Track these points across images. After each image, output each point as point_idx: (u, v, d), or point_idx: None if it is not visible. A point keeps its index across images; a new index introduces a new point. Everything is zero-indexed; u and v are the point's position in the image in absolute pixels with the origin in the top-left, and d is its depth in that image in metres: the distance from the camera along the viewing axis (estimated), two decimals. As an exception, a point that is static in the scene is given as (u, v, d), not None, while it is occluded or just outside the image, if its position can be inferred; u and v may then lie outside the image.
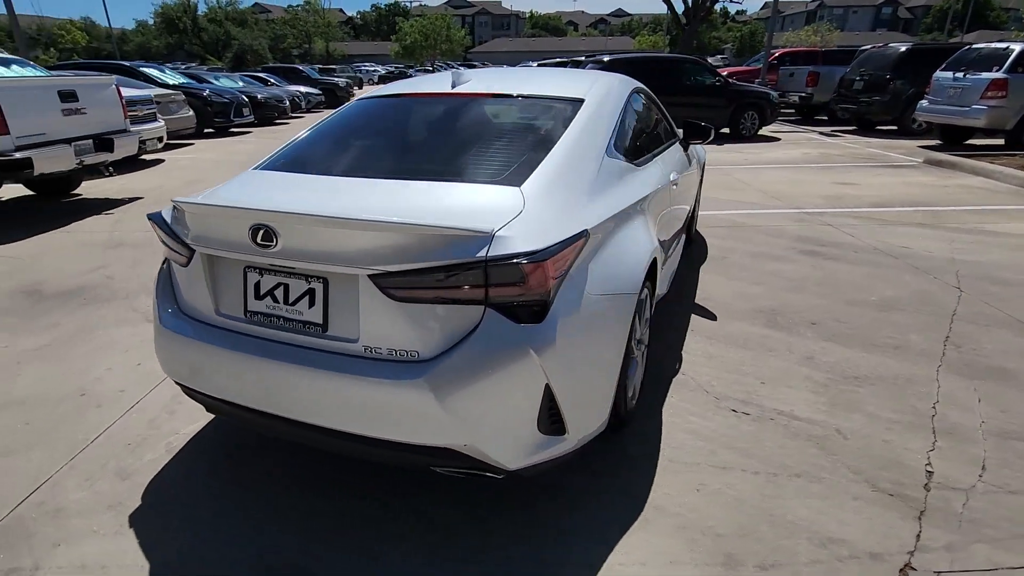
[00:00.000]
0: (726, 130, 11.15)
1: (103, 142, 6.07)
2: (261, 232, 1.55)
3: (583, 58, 12.29)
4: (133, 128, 6.82)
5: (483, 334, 1.49)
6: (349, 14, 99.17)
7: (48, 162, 5.37)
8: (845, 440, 2.21)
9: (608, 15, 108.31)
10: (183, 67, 21.59)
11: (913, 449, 2.16)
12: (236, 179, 2.02)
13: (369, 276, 1.49)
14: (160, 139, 8.52)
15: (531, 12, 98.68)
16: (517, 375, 1.50)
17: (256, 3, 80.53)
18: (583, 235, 1.68)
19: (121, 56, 55.68)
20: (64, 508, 1.90)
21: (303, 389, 1.60)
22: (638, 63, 10.92)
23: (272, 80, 19.62)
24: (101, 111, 6.14)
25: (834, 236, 4.82)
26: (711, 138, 3.51)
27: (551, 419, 1.64)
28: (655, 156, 2.76)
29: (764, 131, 11.86)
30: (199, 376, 1.79)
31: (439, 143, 2.27)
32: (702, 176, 4.57)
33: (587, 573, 1.64)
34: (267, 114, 15.25)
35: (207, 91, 12.78)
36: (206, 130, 12.67)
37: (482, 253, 1.45)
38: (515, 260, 1.46)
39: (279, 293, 1.64)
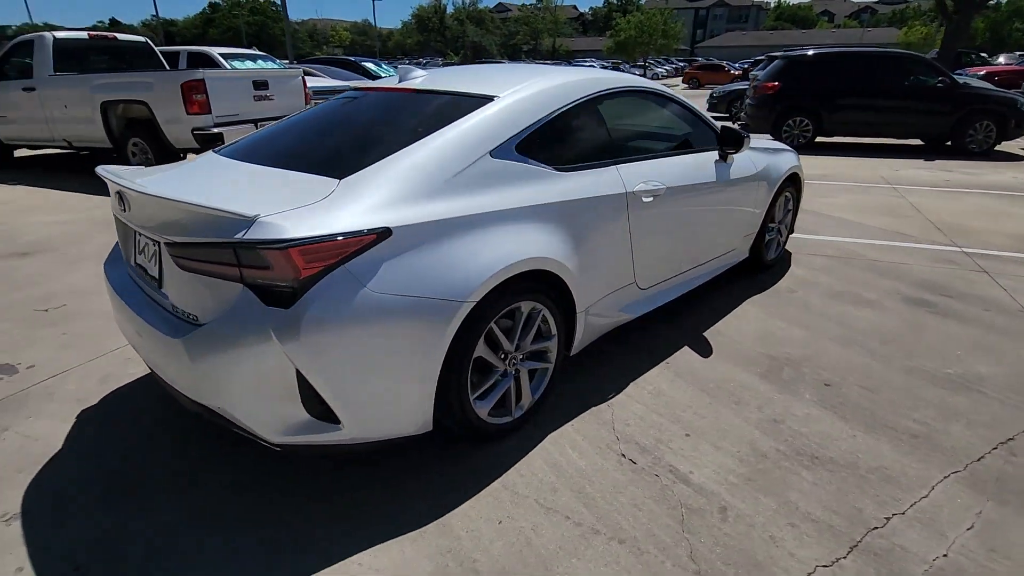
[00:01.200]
0: (948, 143, 9.04)
1: (283, 123, 7.39)
2: (119, 199, 1.89)
3: (779, 54, 10.99)
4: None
5: (235, 310, 1.62)
6: (581, 10, 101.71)
7: (235, 136, 6.75)
8: (720, 522, 1.81)
9: (875, 2, 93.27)
10: (411, 61, 24.53)
11: (799, 559, 1.68)
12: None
13: (164, 244, 1.72)
14: None
15: (778, 2, 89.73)
16: (259, 354, 1.60)
17: (499, 2, 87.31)
18: (377, 231, 1.68)
19: (381, 53, 65.56)
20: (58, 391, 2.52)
21: (147, 338, 1.89)
22: (832, 59, 9.38)
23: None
24: (287, 97, 7.47)
25: (975, 287, 3.71)
26: (742, 147, 3.02)
27: (319, 404, 1.69)
28: (612, 164, 2.50)
29: (1006, 146, 9.31)
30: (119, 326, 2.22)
31: (336, 136, 2.40)
32: (781, 194, 3.86)
33: (323, 564, 1.67)
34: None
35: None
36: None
37: (239, 235, 1.57)
38: (260, 245, 1.55)
39: (144, 248, 1.96)
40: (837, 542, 1.74)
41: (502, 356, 2.11)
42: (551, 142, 2.29)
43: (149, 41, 8.47)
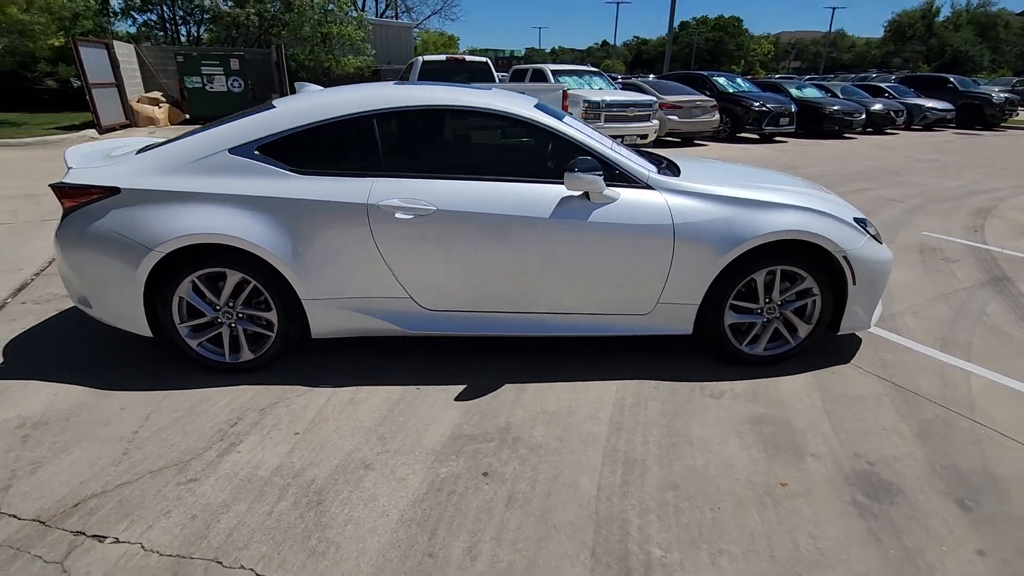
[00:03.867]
0: None
1: (531, 130, 8.54)
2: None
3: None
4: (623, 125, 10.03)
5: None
6: None
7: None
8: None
9: None
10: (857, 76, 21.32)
11: None
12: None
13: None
14: (643, 136, 10.55)
15: None
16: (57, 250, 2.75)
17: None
18: (109, 189, 2.60)
19: (842, 66, 59.01)
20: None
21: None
22: None
23: (889, 90, 17.66)
24: (540, 108, 8.56)
25: None
26: (594, 187, 2.52)
27: (77, 291, 2.77)
28: (367, 176, 2.62)
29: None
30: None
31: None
32: (760, 269, 2.74)
33: (57, 379, 2.76)
34: (829, 127, 14.54)
35: (755, 101, 13.43)
36: (740, 134, 13.61)
37: (62, 178, 2.75)
38: (55, 185, 2.68)
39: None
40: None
41: (215, 308, 2.71)
42: (298, 148, 2.65)
43: (488, 61, 10.83)
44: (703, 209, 2.71)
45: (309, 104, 2.73)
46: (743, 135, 13.88)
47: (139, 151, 2.84)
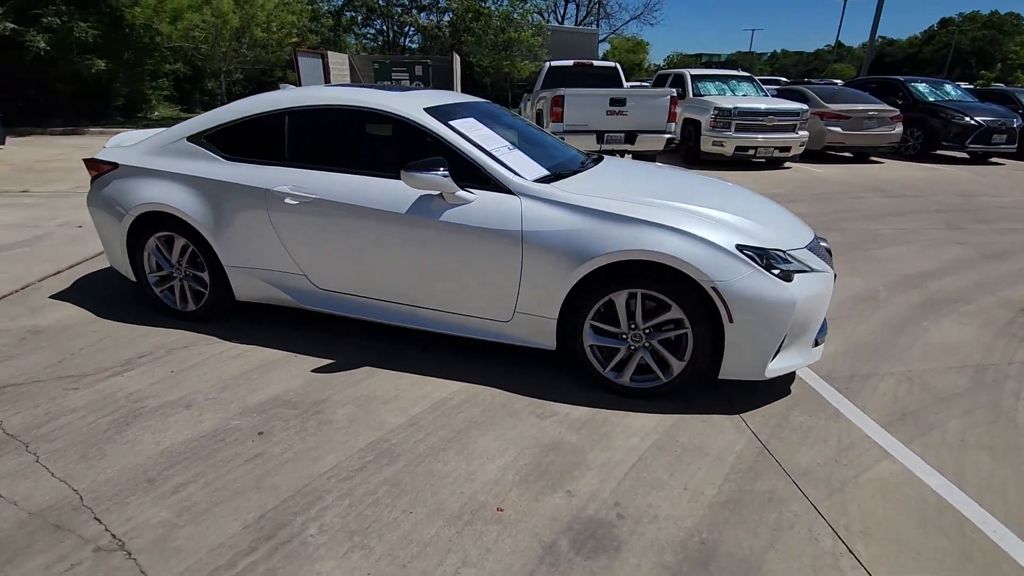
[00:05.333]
0: None
1: (629, 136, 8.27)
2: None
3: None
4: (758, 136, 9.32)
5: (97, 186, 3.72)
6: None
7: (573, 141, 8.22)
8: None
9: None
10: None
11: None
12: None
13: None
14: (783, 148, 9.60)
15: None
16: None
17: None
18: (112, 164, 3.40)
19: None
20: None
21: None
22: None
23: None
24: (643, 114, 8.24)
25: None
26: (418, 182, 2.57)
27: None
28: (276, 165, 3.00)
29: None
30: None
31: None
32: (610, 290, 2.49)
33: (82, 304, 3.69)
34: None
35: (960, 113, 11.03)
36: (937, 151, 11.33)
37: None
38: (84, 158, 3.58)
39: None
40: (21, 429, 2.36)
41: (170, 264, 3.38)
42: (231, 138, 3.16)
43: (617, 66, 10.64)
44: (557, 219, 2.58)
45: (248, 100, 3.22)
46: (941, 152, 11.49)
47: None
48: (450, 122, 2.90)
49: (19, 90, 14.21)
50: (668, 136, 8.42)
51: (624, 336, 2.62)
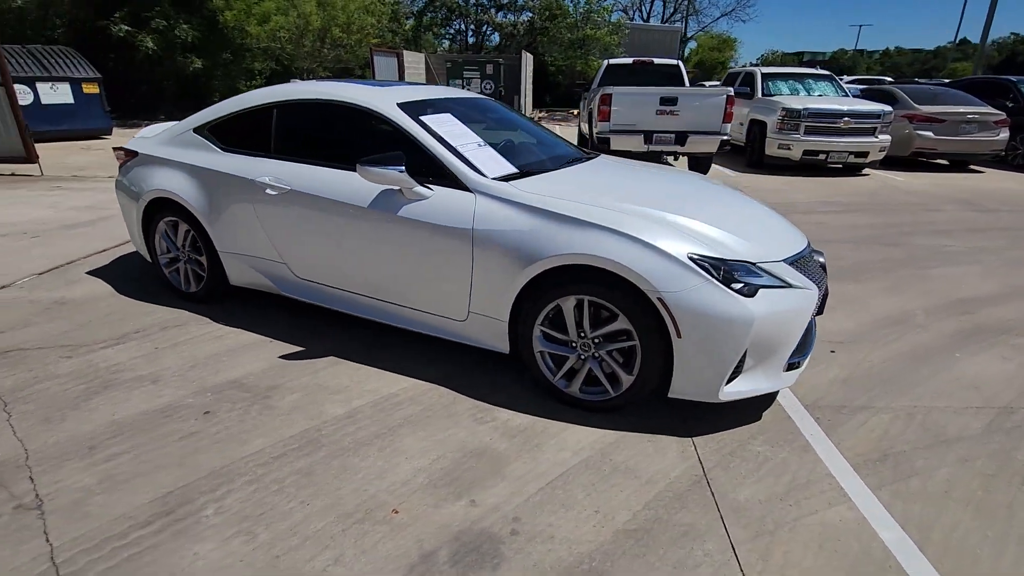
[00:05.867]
0: None
1: (680, 137, 7.90)
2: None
3: None
4: (830, 139, 8.76)
5: (128, 173, 4.04)
6: None
7: (620, 142, 7.99)
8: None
9: None
10: None
11: None
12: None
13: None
14: (861, 154, 8.94)
15: None
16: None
17: None
18: (133, 152, 3.68)
19: None
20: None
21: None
22: None
23: None
24: (695, 114, 7.83)
25: None
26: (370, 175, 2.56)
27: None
28: (264, 157, 3.12)
29: None
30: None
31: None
32: (557, 295, 2.38)
33: (109, 281, 4.02)
34: None
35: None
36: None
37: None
38: (115, 147, 3.89)
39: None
40: (8, 390, 2.60)
41: (176, 247, 3.60)
42: (228, 130, 3.31)
43: (679, 64, 10.19)
44: (509, 218, 2.49)
45: (247, 94, 3.37)
46: (1056, 163, 10.11)
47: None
48: (422, 117, 2.88)
49: (131, 88, 15.78)
50: (723, 138, 7.95)
51: (574, 344, 2.49)
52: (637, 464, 2.21)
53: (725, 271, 2.24)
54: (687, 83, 10.19)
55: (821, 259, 2.73)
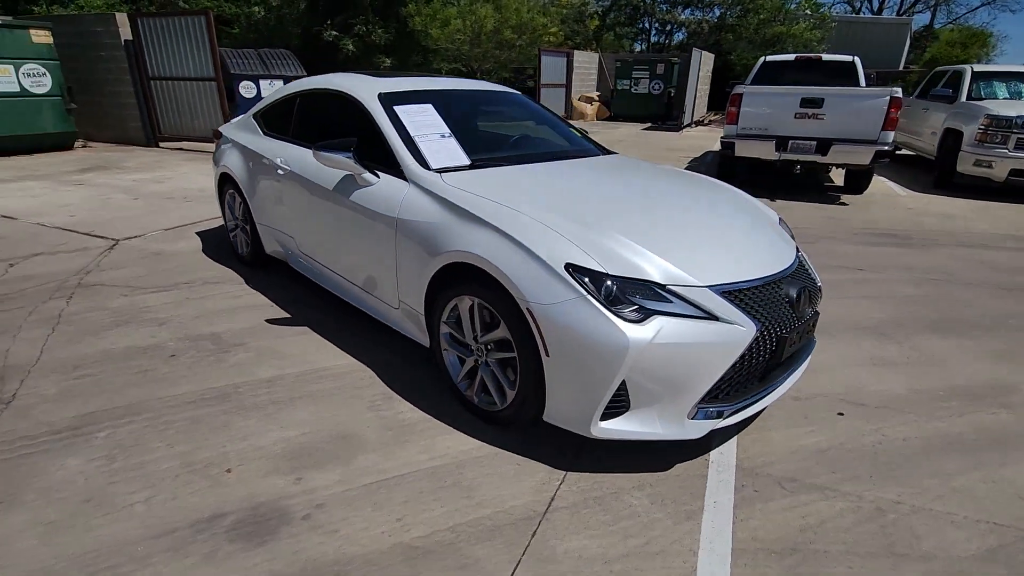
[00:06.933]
0: None
1: (822, 144, 6.77)
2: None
3: None
4: (987, 151, 7.16)
5: (228, 151, 4.76)
6: None
7: (746, 148, 7.11)
8: (120, 293, 3.61)
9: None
10: None
11: None
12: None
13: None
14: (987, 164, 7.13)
15: None
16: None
17: None
18: (220, 133, 4.35)
19: None
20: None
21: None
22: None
23: None
24: (846, 118, 6.65)
25: None
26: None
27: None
28: (288, 141, 3.45)
29: None
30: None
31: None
32: (453, 294, 2.23)
33: (204, 240, 4.81)
34: None
35: None
36: None
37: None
38: (214, 128, 4.61)
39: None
40: (68, 313, 3.30)
41: (235, 217, 4.17)
42: (269, 116, 3.73)
43: (855, 59, 8.68)
44: (424, 210, 2.44)
45: (286, 86, 3.76)
46: None
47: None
48: (395, 107, 2.94)
49: (336, 84, 18.38)
50: (881, 148, 6.58)
51: (472, 348, 2.36)
52: (483, 484, 2.03)
53: (610, 288, 1.92)
54: (863, 83, 8.67)
55: (810, 285, 2.19)
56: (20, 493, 1.93)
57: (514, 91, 3.78)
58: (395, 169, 2.70)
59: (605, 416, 1.98)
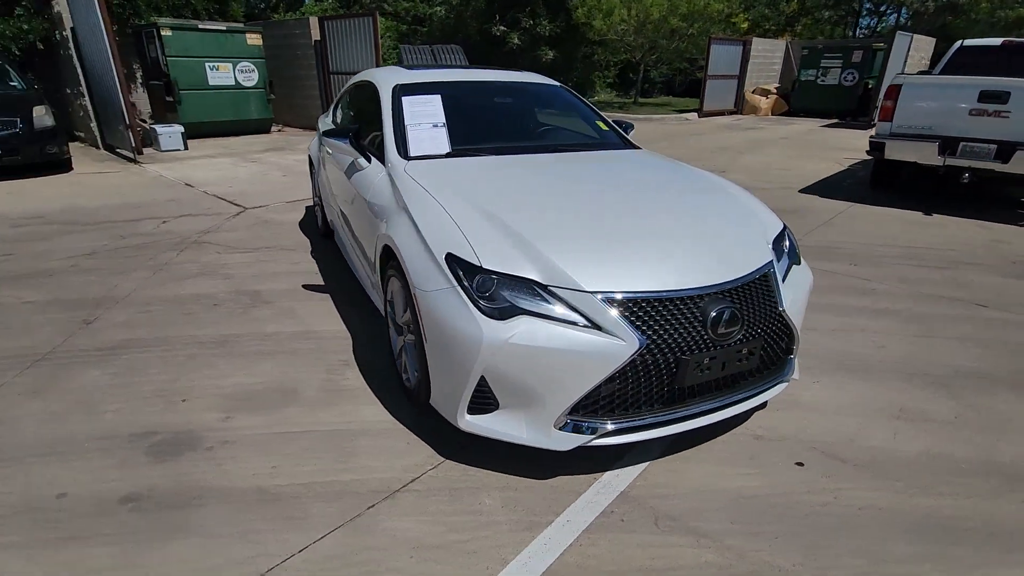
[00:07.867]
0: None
1: (1004, 149, 5.41)
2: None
3: None
4: None
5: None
6: None
7: (900, 150, 5.94)
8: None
9: None
10: None
11: None
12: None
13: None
14: None
15: None
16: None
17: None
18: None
19: None
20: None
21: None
22: None
23: None
24: (1041, 116, 5.22)
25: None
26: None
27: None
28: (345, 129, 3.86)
29: None
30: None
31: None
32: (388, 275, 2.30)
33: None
34: None
35: None
36: None
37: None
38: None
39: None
40: (172, 263, 4.12)
41: (317, 195, 4.76)
42: (335, 107, 4.19)
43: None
44: (384, 194, 2.61)
45: (352, 78, 4.17)
46: None
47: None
48: (404, 97, 3.12)
49: (503, 77, 19.26)
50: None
51: (400, 326, 2.47)
52: (365, 454, 2.14)
53: (481, 282, 1.89)
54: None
55: (718, 309, 1.90)
56: (49, 390, 2.55)
57: (551, 82, 3.73)
58: (381, 155, 2.89)
59: (474, 411, 1.96)
